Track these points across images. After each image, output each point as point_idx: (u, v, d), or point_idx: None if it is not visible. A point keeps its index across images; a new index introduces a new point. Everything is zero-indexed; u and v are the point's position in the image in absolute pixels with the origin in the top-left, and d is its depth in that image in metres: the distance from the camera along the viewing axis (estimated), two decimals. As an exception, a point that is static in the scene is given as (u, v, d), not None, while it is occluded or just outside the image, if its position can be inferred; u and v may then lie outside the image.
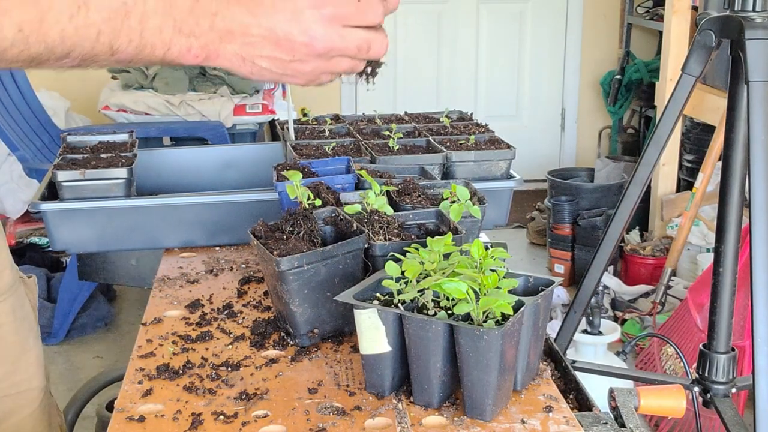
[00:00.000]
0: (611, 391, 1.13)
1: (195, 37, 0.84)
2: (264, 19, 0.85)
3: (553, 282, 1.05)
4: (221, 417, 0.98)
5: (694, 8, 3.85)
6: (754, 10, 1.62)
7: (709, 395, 1.80)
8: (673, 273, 3.54)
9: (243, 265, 1.46)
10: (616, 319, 3.44)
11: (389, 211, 1.22)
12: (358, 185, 1.39)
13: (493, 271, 0.98)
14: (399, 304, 0.99)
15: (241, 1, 0.85)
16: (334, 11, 0.86)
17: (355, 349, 1.12)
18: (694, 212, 3.48)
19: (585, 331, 2.78)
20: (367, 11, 0.87)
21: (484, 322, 0.94)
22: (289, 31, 0.85)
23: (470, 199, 1.24)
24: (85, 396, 2.21)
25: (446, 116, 1.87)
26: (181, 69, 3.83)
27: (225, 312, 1.27)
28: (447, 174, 1.58)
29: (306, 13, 0.85)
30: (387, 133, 1.69)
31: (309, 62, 0.87)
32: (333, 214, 1.22)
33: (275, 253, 1.09)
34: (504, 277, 0.99)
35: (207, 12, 0.84)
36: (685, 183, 4.12)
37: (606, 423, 1.01)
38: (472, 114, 1.93)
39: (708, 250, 3.56)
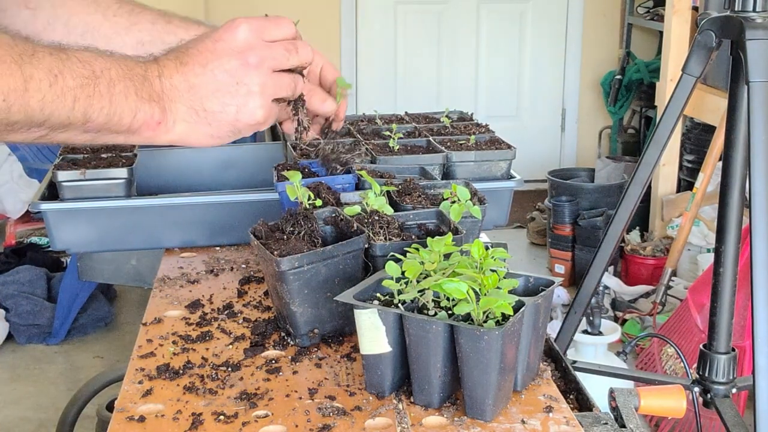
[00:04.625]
0: (611, 392, 1.13)
1: (155, 101, 0.88)
2: (197, 65, 0.91)
3: (554, 282, 1.05)
4: (221, 417, 0.98)
5: (695, 8, 3.85)
6: (754, 11, 1.62)
7: (709, 395, 1.80)
8: (674, 273, 3.54)
9: (243, 265, 1.46)
10: (616, 319, 3.44)
11: (389, 211, 1.22)
12: (359, 185, 1.39)
13: (493, 271, 0.98)
14: (399, 304, 0.99)
15: (169, 56, 0.92)
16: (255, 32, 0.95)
17: (355, 349, 1.12)
18: (695, 212, 3.48)
19: (585, 332, 2.78)
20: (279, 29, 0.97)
21: (485, 322, 0.94)
22: (219, 57, 0.91)
23: (470, 199, 1.23)
24: (85, 396, 2.21)
25: (446, 116, 1.87)
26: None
27: (225, 312, 1.27)
28: (447, 174, 1.58)
29: (222, 42, 0.93)
30: (387, 133, 1.69)
31: (252, 79, 0.92)
32: (333, 215, 1.22)
33: (275, 253, 1.09)
34: (504, 278, 0.99)
35: (154, 75, 0.89)
36: (686, 183, 4.12)
37: (606, 423, 1.01)
38: (472, 114, 1.93)
39: (708, 251, 3.56)
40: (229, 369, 1.10)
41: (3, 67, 0.76)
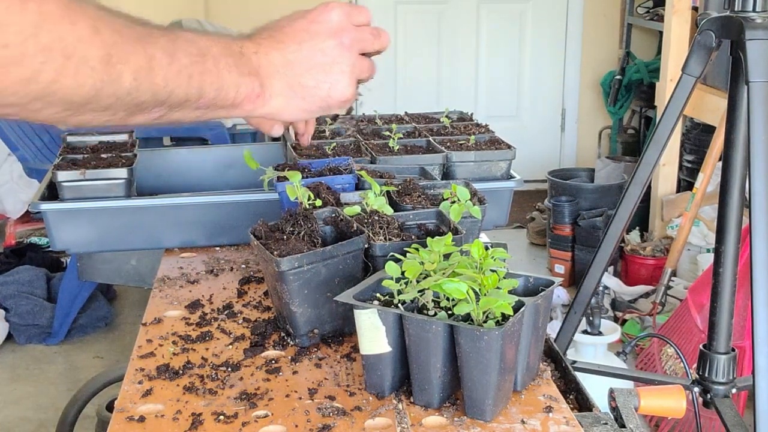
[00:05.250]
0: (611, 392, 1.13)
1: (253, 75, 0.92)
2: (293, 44, 0.95)
3: (553, 282, 1.05)
4: (221, 417, 0.98)
5: (695, 8, 3.85)
6: (754, 11, 1.62)
7: (709, 395, 1.80)
8: (673, 273, 3.54)
9: (243, 265, 1.46)
10: (616, 319, 3.44)
11: (389, 211, 1.22)
12: (358, 185, 1.39)
13: (493, 271, 0.98)
14: (399, 305, 0.99)
15: (262, 34, 0.95)
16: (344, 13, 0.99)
17: (355, 349, 1.12)
18: (695, 212, 3.48)
19: (585, 332, 2.78)
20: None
21: (484, 322, 0.94)
22: (314, 37, 0.96)
23: (470, 200, 1.24)
24: (85, 396, 2.21)
25: (446, 116, 1.87)
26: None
27: (225, 312, 1.27)
28: (447, 174, 1.58)
29: (317, 23, 0.97)
30: (387, 133, 1.69)
31: (345, 59, 0.97)
32: (333, 215, 1.22)
33: (275, 253, 1.09)
34: (504, 278, 0.99)
35: (251, 52, 0.93)
36: (686, 183, 4.12)
37: (606, 423, 1.01)
38: (472, 114, 1.93)
39: (708, 251, 3.56)
40: (229, 369, 1.10)
41: (128, 46, 0.77)
